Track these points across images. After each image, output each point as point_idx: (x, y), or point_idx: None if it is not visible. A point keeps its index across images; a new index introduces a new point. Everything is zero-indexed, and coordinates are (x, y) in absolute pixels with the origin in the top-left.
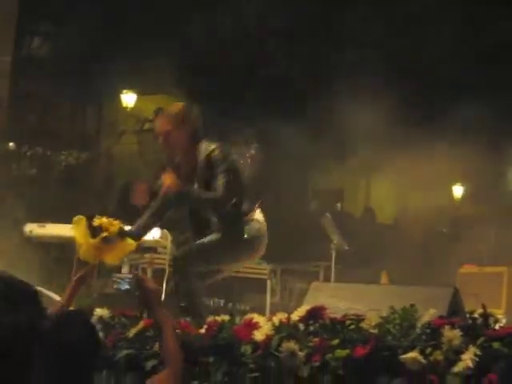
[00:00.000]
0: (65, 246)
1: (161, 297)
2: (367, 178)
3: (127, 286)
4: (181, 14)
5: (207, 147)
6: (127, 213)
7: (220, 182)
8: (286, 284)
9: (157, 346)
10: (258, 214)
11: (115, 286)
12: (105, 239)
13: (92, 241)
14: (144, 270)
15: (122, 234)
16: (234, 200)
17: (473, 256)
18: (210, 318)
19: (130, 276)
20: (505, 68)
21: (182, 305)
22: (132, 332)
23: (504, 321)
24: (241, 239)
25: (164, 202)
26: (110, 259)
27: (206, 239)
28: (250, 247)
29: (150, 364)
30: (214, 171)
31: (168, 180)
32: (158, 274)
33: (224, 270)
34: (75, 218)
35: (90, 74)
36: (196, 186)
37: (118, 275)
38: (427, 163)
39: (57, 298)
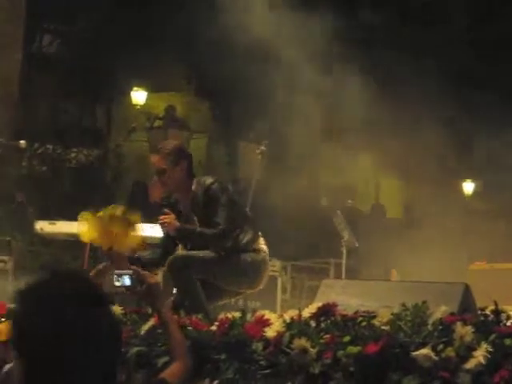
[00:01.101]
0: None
1: (161, 291)
2: (377, 174)
3: (128, 283)
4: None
5: (204, 181)
6: (140, 210)
7: (222, 215)
8: (297, 281)
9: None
10: (262, 243)
11: (115, 283)
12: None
13: (102, 217)
14: None
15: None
16: (237, 232)
17: (483, 252)
18: (221, 315)
19: (130, 272)
20: None
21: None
22: (143, 329)
23: None
24: (244, 270)
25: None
26: (121, 246)
27: (213, 254)
28: (253, 277)
29: (161, 361)
30: (213, 205)
31: (167, 220)
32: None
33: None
34: (82, 215)
35: (101, 72)
36: (196, 221)
37: (117, 271)
38: (437, 160)
39: None
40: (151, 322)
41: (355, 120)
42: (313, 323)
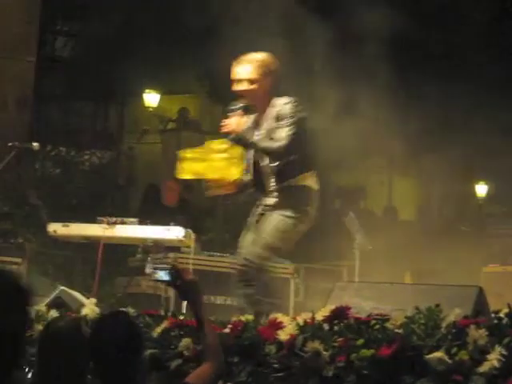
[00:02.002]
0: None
1: (199, 289)
2: (390, 175)
3: (167, 278)
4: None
5: (280, 100)
6: (154, 213)
7: (283, 133)
8: (310, 283)
9: (181, 345)
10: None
11: (154, 277)
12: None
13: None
14: None
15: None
16: (292, 157)
17: (497, 255)
18: (234, 318)
19: (169, 267)
20: None
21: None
22: (157, 331)
23: None
24: (300, 205)
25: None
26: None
27: (267, 228)
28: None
29: (174, 364)
30: (280, 123)
31: (233, 122)
32: None
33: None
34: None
35: (113, 74)
36: (261, 133)
37: (156, 266)
38: (451, 161)
39: (82, 299)
40: (164, 325)
41: (370, 120)
42: (326, 326)
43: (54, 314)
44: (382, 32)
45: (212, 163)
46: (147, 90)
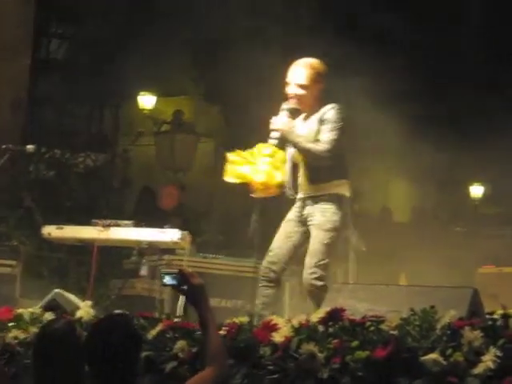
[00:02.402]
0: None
1: (206, 293)
2: (385, 177)
3: (174, 282)
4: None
5: (327, 106)
6: (149, 215)
7: (327, 137)
8: None
9: (176, 347)
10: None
11: (162, 281)
12: None
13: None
14: None
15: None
16: (332, 162)
17: (492, 256)
18: (229, 320)
19: (176, 271)
20: None
21: None
22: (151, 334)
23: None
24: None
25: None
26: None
27: (316, 241)
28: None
29: (169, 366)
30: (324, 126)
31: (281, 121)
32: None
33: None
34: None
35: (108, 75)
36: (304, 135)
37: (164, 270)
38: (446, 163)
39: (77, 301)
40: (159, 327)
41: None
42: (321, 328)
43: (49, 316)
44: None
45: (257, 167)
46: (142, 93)
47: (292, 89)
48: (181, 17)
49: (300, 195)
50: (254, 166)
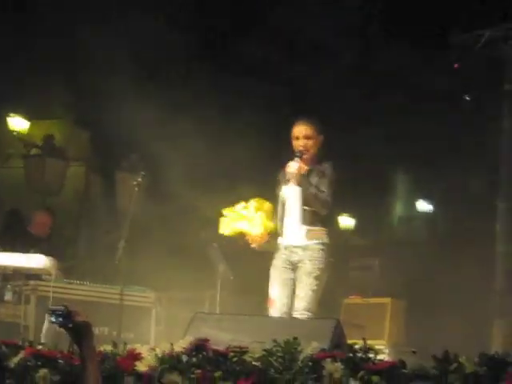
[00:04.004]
0: None
1: (91, 330)
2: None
3: (60, 319)
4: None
5: (325, 162)
6: (16, 240)
7: (328, 189)
8: (172, 312)
9: (37, 376)
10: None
11: (49, 319)
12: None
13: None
14: (27, 298)
15: None
16: (323, 211)
17: (358, 287)
18: None
19: (62, 308)
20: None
21: None
22: (13, 361)
23: (387, 351)
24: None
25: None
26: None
27: (307, 287)
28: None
29: None
30: (324, 178)
31: (296, 166)
32: (42, 301)
33: None
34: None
35: None
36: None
37: (51, 307)
38: None
39: None
40: (21, 355)
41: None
42: (185, 358)
43: None
44: None
45: (253, 221)
46: (12, 114)
47: (300, 141)
48: (54, 42)
49: (288, 242)
50: (251, 221)
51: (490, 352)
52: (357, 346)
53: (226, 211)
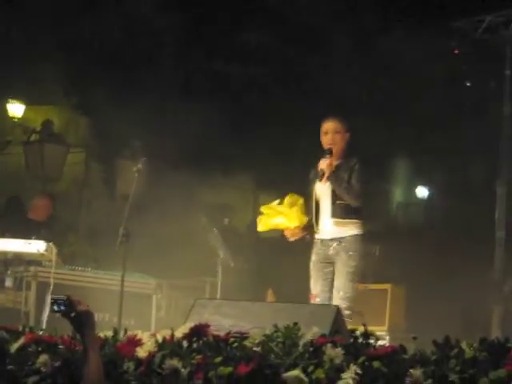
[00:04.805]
0: None
1: (93, 319)
2: (254, 192)
3: (62, 308)
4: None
5: (353, 157)
6: (17, 226)
7: (357, 184)
8: (172, 299)
9: (38, 362)
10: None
11: (51, 308)
12: None
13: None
14: (28, 284)
15: None
16: (355, 204)
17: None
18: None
19: (64, 297)
20: None
21: None
22: (14, 347)
23: (387, 337)
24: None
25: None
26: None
27: (345, 276)
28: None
29: (31, 380)
30: (352, 174)
31: (328, 162)
32: (42, 287)
33: None
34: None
35: None
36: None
37: (53, 296)
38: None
39: None
40: (22, 340)
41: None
42: (185, 343)
43: None
44: None
45: (286, 216)
46: (11, 100)
47: (329, 137)
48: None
49: (323, 236)
50: (287, 216)
51: (490, 337)
52: (357, 332)
53: (263, 208)
